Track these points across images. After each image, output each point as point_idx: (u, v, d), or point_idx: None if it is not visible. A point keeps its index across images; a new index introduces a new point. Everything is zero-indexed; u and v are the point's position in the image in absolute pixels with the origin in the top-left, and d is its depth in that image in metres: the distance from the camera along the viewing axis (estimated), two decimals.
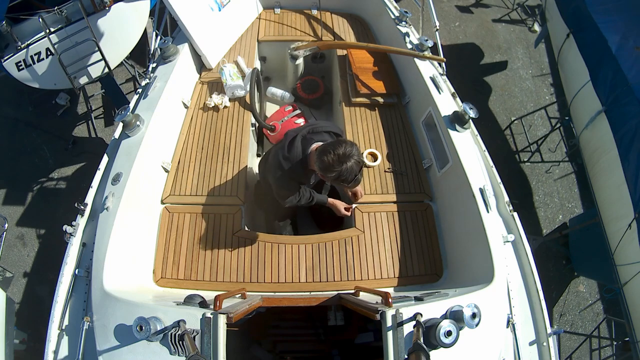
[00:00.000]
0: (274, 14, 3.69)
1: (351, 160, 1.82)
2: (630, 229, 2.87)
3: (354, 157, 1.83)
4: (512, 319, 2.05)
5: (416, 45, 3.07)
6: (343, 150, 1.81)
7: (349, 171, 1.83)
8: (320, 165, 1.87)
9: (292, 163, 2.04)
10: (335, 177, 1.86)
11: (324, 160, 1.83)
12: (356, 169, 1.85)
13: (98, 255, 2.03)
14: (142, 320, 1.58)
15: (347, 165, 1.81)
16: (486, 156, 2.61)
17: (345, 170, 1.82)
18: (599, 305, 4.13)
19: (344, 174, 1.83)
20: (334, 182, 1.94)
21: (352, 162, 1.82)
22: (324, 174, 1.91)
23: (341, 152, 1.81)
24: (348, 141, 1.87)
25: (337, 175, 1.85)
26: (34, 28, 3.71)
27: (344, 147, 1.82)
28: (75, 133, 4.87)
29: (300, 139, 2.07)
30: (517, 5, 6.13)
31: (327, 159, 1.82)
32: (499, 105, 5.27)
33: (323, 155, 1.84)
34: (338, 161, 1.81)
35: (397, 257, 2.43)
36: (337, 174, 1.84)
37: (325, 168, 1.85)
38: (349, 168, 1.82)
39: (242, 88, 3.08)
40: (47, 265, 4.09)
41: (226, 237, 2.46)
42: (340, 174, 1.84)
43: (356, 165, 1.84)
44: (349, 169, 1.82)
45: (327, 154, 1.83)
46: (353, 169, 1.83)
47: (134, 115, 2.52)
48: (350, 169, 1.83)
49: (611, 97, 3.29)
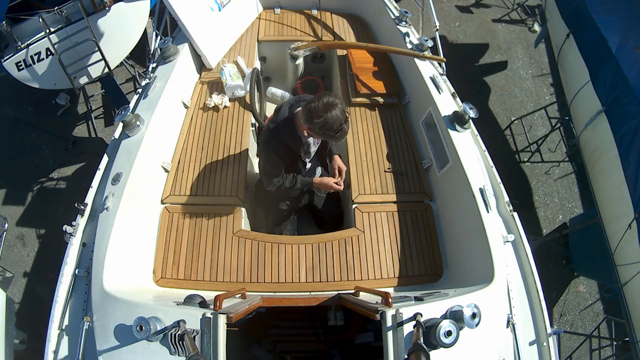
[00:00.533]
0: (274, 14, 3.69)
1: (336, 109, 1.90)
2: (630, 229, 2.86)
3: (339, 106, 1.92)
4: (512, 319, 2.04)
5: (416, 45, 3.08)
6: (327, 99, 1.91)
7: (335, 119, 1.91)
8: (307, 115, 1.96)
9: (278, 123, 2.13)
10: (321, 124, 1.93)
11: (310, 108, 1.93)
12: (341, 118, 1.92)
13: (98, 255, 2.03)
14: (142, 320, 1.58)
15: (332, 113, 1.90)
16: (486, 156, 2.61)
17: (331, 118, 1.90)
18: (599, 305, 4.13)
19: (329, 122, 1.91)
20: (321, 133, 2.00)
21: (337, 111, 1.91)
22: (309, 125, 1.98)
23: (326, 100, 1.91)
24: (332, 94, 1.96)
25: (322, 123, 1.92)
26: (34, 28, 3.71)
27: (329, 97, 1.92)
28: (75, 133, 4.87)
29: (287, 105, 2.19)
30: (517, 5, 6.13)
31: (313, 106, 1.92)
32: (499, 105, 5.27)
33: (309, 104, 1.95)
34: (323, 108, 1.90)
35: (397, 257, 2.43)
36: (322, 120, 1.91)
37: (311, 115, 1.94)
38: (334, 116, 1.90)
39: (242, 88, 3.08)
40: (47, 265, 4.09)
41: (226, 237, 2.46)
42: (325, 121, 1.91)
43: (341, 114, 1.92)
44: (334, 117, 1.90)
45: (312, 102, 1.93)
46: (338, 117, 1.91)
47: (134, 115, 2.52)
48: (336, 116, 1.91)
49: (611, 97, 3.29)
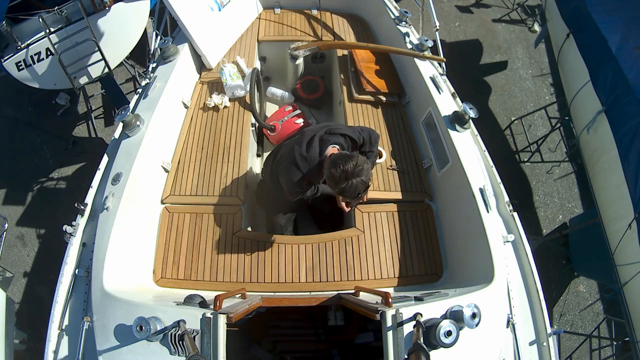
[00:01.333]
0: (274, 14, 3.69)
1: (357, 179, 1.83)
2: (630, 229, 2.86)
3: (362, 177, 1.84)
4: (512, 319, 2.04)
5: (416, 45, 3.08)
6: (352, 168, 1.82)
7: (353, 188, 1.85)
8: (329, 176, 1.91)
9: (310, 165, 2.06)
10: (340, 190, 1.89)
11: (332, 173, 1.87)
12: (360, 188, 1.87)
13: (98, 255, 2.03)
14: (142, 320, 1.59)
15: (352, 183, 1.83)
16: (486, 156, 2.61)
17: (349, 187, 1.85)
18: (599, 305, 4.13)
19: (347, 190, 1.86)
20: (339, 192, 1.96)
21: (358, 181, 1.84)
22: (329, 183, 1.95)
23: (349, 169, 1.82)
24: (361, 157, 1.88)
25: (341, 190, 1.88)
26: (34, 28, 3.71)
27: (354, 164, 1.83)
28: (75, 133, 4.87)
29: (317, 139, 2.09)
30: (517, 5, 6.13)
31: (335, 173, 1.85)
32: (499, 105, 5.27)
33: (332, 167, 1.87)
34: (345, 177, 1.83)
35: (397, 257, 2.43)
36: (341, 188, 1.87)
37: (331, 180, 1.90)
38: (354, 186, 1.84)
39: (242, 88, 3.08)
40: (47, 265, 4.09)
41: (226, 237, 2.46)
42: (343, 190, 1.87)
43: (361, 185, 1.86)
44: (353, 186, 1.85)
45: (336, 167, 1.85)
46: (357, 187, 1.85)
47: (134, 115, 2.52)
48: (355, 186, 1.85)
49: (611, 97, 3.29)
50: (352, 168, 1.82)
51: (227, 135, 2.90)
